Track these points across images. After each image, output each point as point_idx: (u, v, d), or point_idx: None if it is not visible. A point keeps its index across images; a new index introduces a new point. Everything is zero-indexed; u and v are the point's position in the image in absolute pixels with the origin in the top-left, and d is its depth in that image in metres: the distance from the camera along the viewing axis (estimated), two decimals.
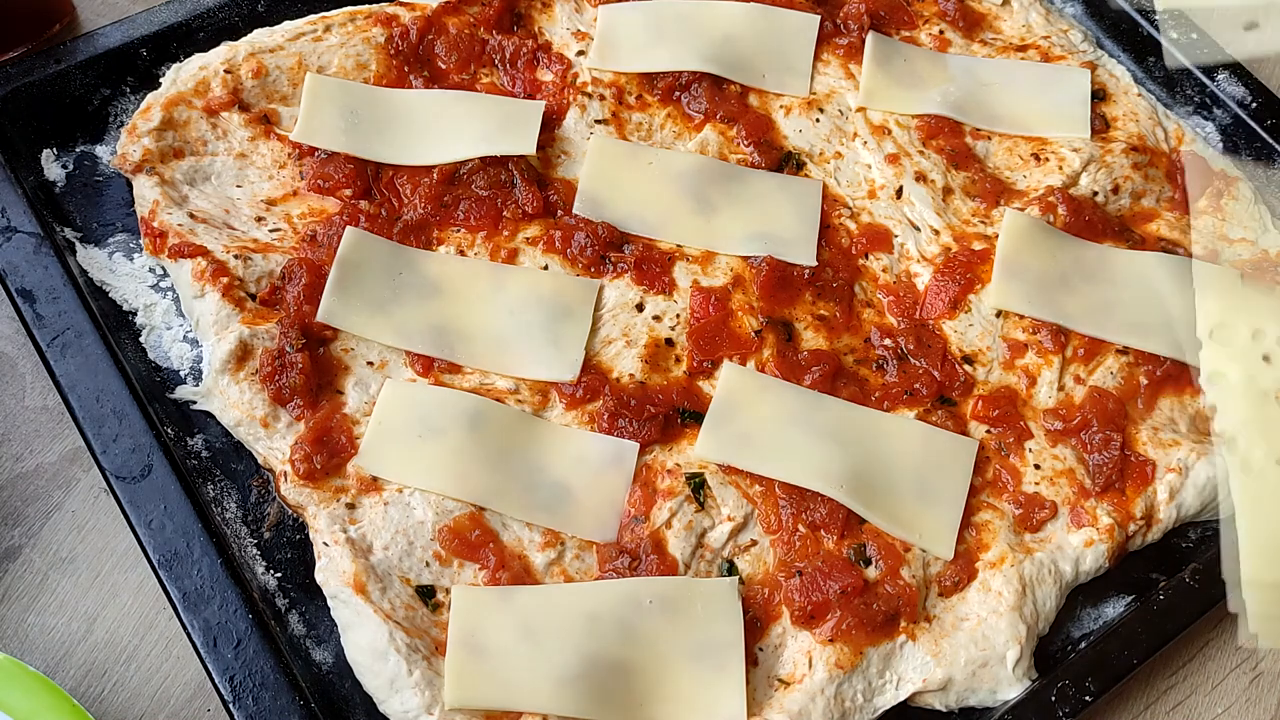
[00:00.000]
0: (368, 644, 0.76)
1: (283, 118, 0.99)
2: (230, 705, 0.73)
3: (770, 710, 0.76)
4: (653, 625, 0.78)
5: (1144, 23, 1.12)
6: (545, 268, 0.93)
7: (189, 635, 0.75)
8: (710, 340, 0.90)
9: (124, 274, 0.92)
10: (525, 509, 0.82)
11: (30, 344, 0.86)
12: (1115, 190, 1.01)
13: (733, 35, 1.06)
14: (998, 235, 0.97)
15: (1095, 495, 0.86)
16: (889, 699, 0.78)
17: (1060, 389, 0.91)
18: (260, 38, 1.01)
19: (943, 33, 1.11)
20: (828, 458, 0.84)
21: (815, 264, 0.95)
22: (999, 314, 0.94)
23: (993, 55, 1.10)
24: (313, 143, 0.96)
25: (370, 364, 0.88)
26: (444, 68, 1.03)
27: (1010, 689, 0.79)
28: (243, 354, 0.85)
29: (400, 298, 0.90)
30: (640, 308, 0.92)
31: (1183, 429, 0.90)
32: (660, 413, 0.86)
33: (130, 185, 0.95)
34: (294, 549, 0.82)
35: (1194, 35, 1.10)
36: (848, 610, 0.79)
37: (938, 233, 0.98)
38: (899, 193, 1.00)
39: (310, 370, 0.85)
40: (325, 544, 0.79)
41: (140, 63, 1.00)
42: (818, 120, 1.04)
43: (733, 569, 0.82)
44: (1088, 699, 0.77)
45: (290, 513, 0.83)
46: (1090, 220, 0.98)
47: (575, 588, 0.79)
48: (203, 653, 0.75)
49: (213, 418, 0.86)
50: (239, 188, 0.96)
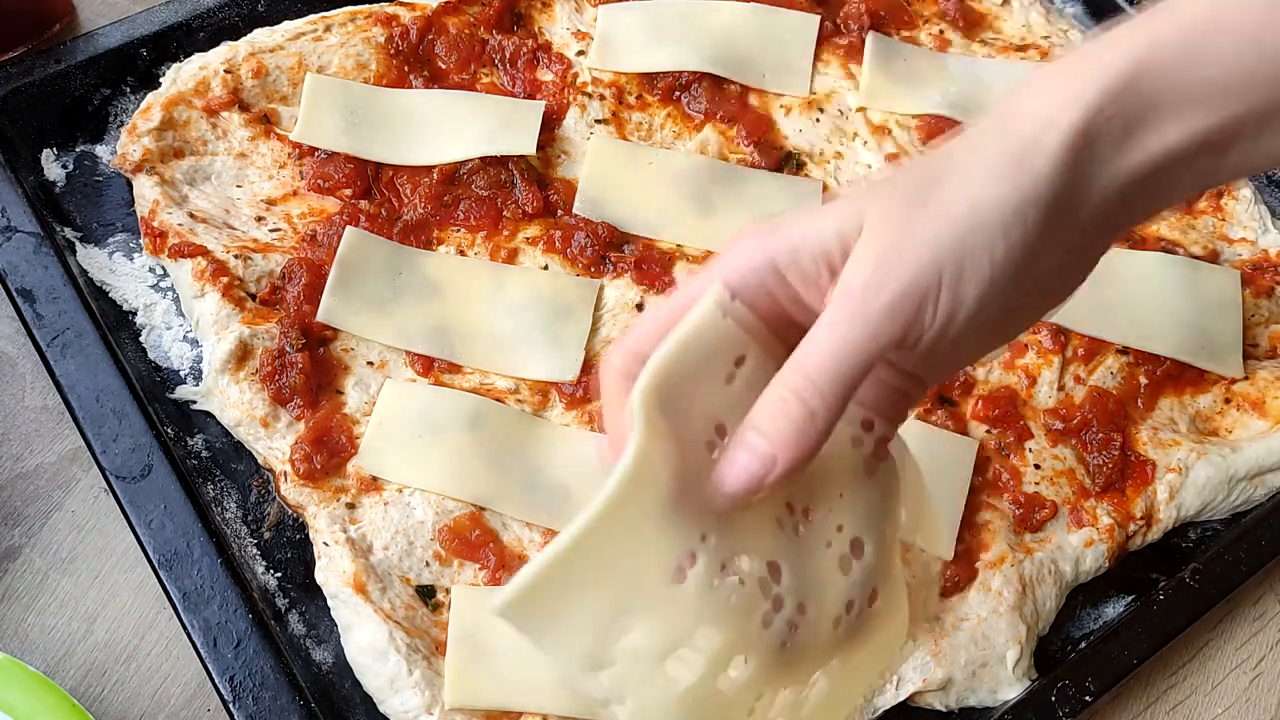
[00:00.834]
0: (368, 644, 0.76)
1: (283, 118, 0.99)
2: (230, 705, 0.73)
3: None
4: None
5: None
6: (545, 268, 0.93)
7: (189, 635, 0.75)
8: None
9: (124, 274, 0.92)
10: (525, 509, 0.82)
11: (30, 344, 0.86)
12: None
13: (733, 35, 1.06)
14: None
15: (1095, 495, 0.86)
16: (889, 699, 0.78)
17: (1060, 389, 0.91)
18: (260, 38, 1.01)
19: (943, 33, 1.11)
20: None
21: None
22: None
23: (993, 55, 1.10)
24: (313, 143, 0.96)
25: (370, 364, 0.88)
26: (444, 68, 1.04)
27: (1010, 689, 0.79)
28: (243, 354, 0.86)
29: (400, 298, 0.90)
30: (640, 308, 0.92)
31: (1183, 429, 0.90)
32: None
33: (130, 185, 0.95)
34: (294, 549, 0.82)
35: None
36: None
37: None
38: None
39: (310, 370, 0.85)
40: (325, 544, 0.79)
41: (140, 63, 1.00)
42: (818, 120, 1.04)
43: None
44: (1088, 699, 0.77)
45: (290, 513, 0.83)
46: None
47: None
48: (203, 653, 0.75)
49: (213, 418, 0.86)
50: (239, 188, 0.96)
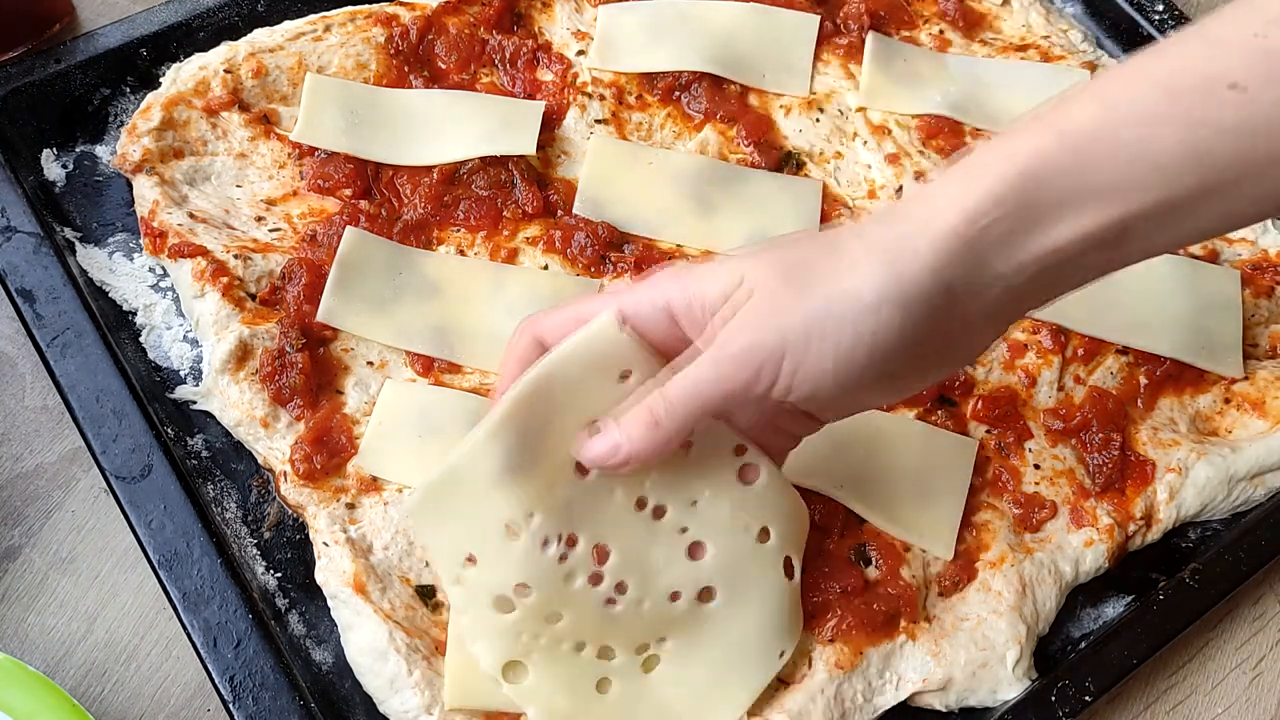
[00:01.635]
0: (368, 644, 0.76)
1: (283, 118, 0.99)
2: (230, 705, 0.73)
3: (770, 710, 0.76)
4: None
5: (1144, 22, 1.12)
6: (545, 268, 0.93)
7: (189, 635, 0.75)
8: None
9: (124, 274, 0.92)
10: None
11: (30, 344, 0.86)
12: None
13: (733, 35, 1.06)
14: None
15: (1095, 495, 0.86)
16: (889, 699, 0.78)
17: (1060, 389, 0.91)
18: (260, 38, 1.01)
19: (943, 33, 1.11)
20: (827, 457, 0.84)
21: None
22: None
23: (993, 55, 1.10)
24: (313, 143, 0.96)
25: (370, 364, 0.88)
26: (444, 68, 1.03)
27: (1010, 689, 0.79)
28: (243, 354, 0.86)
29: (400, 298, 0.90)
30: None
31: (1183, 429, 0.90)
32: None
33: (130, 185, 0.95)
34: (294, 549, 0.82)
35: None
36: (848, 610, 0.79)
37: None
38: (899, 192, 1.00)
39: (310, 370, 0.85)
40: (325, 544, 0.79)
41: (140, 63, 1.00)
42: (818, 120, 1.04)
43: None
44: (1088, 699, 0.77)
45: (290, 513, 0.83)
46: None
47: None
48: (203, 653, 0.75)
49: (213, 418, 0.86)
50: (239, 188, 0.96)
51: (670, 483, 0.71)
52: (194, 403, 0.87)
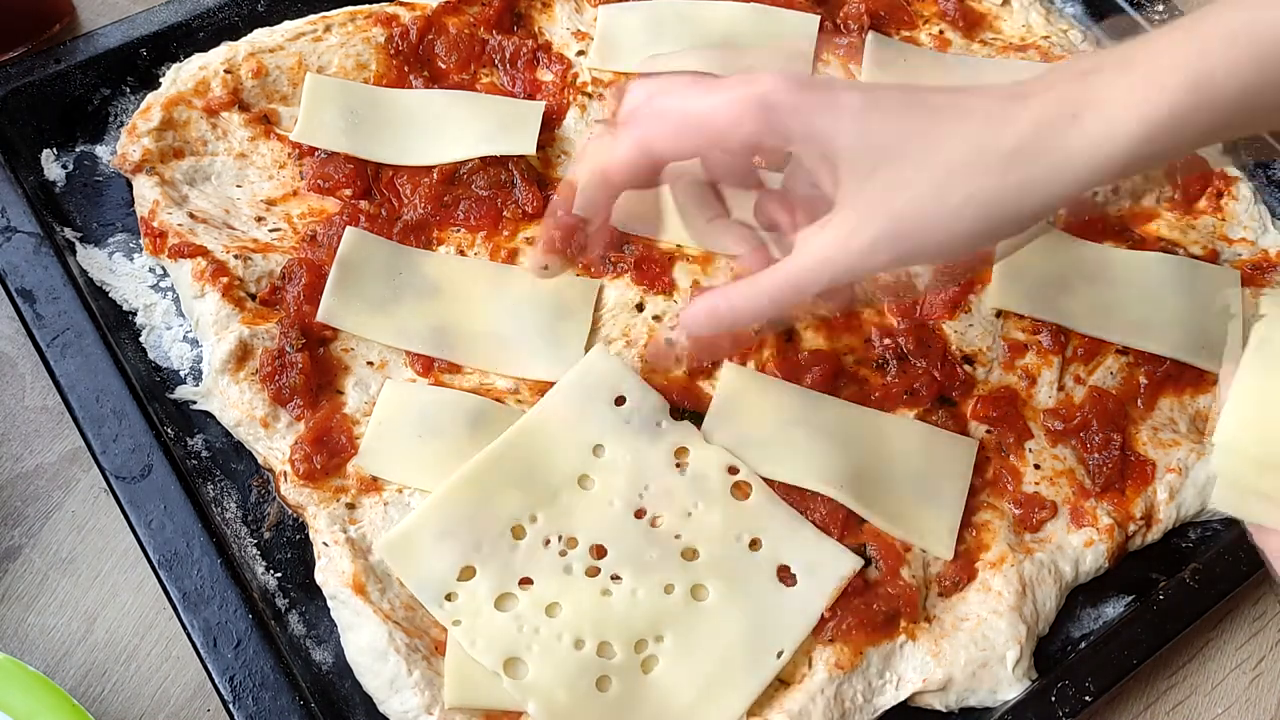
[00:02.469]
0: (368, 644, 0.76)
1: (283, 118, 0.99)
2: (230, 705, 0.73)
3: (770, 710, 0.76)
4: None
5: (1144, 23, 1.12)
6: (545, 267, 0.93)
7: (189, 635, 0.75)
8: (710, 340, 0.90)
9: (124, 274, 0.92)
10: None
11: (30, 344, 0.86)
12: (1115, 191, 1.01)
13: (733, 35, 1.06)
14: None
15: (1095, 495, 0.86)
16: (889, 699, 0.78)
17: (1060, 389, 0.91)
18: (260, 38, 1.01)
19: (943, 33, 1.11)
20: (828, 457, 0.84)
21: None
22: (999, 314, 0.94)
23: (993, 55, 1.10)
24: (313, 143, 0.96)
25: (370, 364, 0.88)
26: (444, 68, 1.03)
27: (1010, 689, 0.79)
28: (243, 354, 0.86)
29: (400, 298, 0.90)
30: (640, 308, 0.92)
31: (1183, 429, 0.90)
32: None
33: (130, 185, 0.95)
34: (294, 549, 0.82)
35: None
36: (848, 610, 0.79)
37: None
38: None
39: (310, 370, 0.85)
40: (325, 544, 0.79)
41: (140, 63, 1.00)
42: None
43: None
44: (1088, 699, 0.77)
45: (290, 513, 0.83)
46: (1090, 220, 0.98)
47: None
48: (203, 653, 0.75)
49: (213, 418, 0.86)
50: (239, 188, 0.96)
51: (667, 496, 0.81)
52: (194, 403, 0.87)
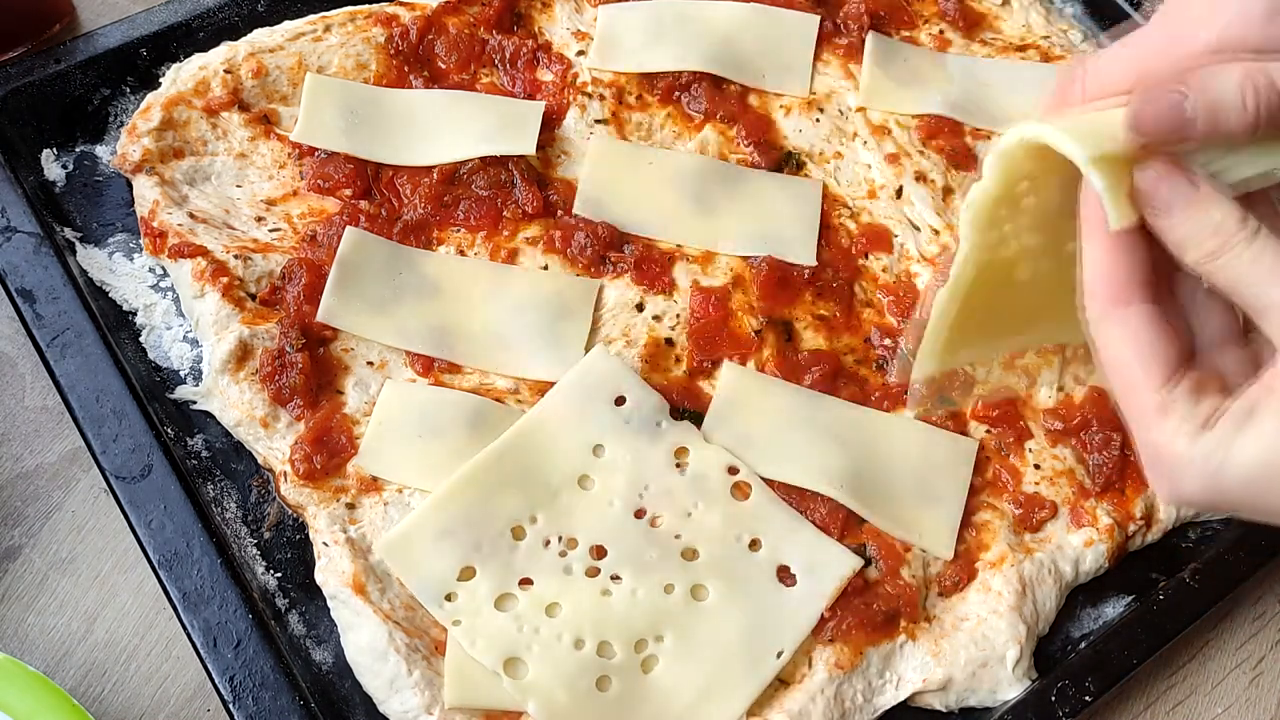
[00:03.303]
0: (368, 644, 0.76)
1: (283, 118, 0.99)
2: (230, 705, 0.73)
3: (770, 710, 0.76)
4: None
5: (1143, 22, 1.12)
6: (545, 268, 0.93)
7: (189, 635, 0.75)
8: (710, 340, 0.90)
9: (124, 274, 0.92)
10: None
11: (30, 344, 0.86)
12: None
13: (733, 35, 1.06)
14: None
15: (1095, 495, 0.86)
16: (889, 699, 0.78)
17: (1060, 389, 0.91)
18: (260, 38, 1.01)
19: (943, 33, 1.11)
20: (827, 457, 0.84)
21: (815, 264, 0.95)
22: None
23: (993, 55, 1.10)
24: (313, 143, 0.96)
25: (370, 364, 0.88)
26: (444, 68, 1.03)
27: (1010, 689, 0.79)
28: (243, 354, 0.85)
29: (400, 298, 0.90)
30: (640, 308, 0.92)
31: None
32: None
33: (130, 185, 0.95)
34: (294, 549, 0.82)
35: None
36: (848, 610, 0.79)
37: (938, 232, 0.98)
38: (899, 192, 1.00)
39: (310, 370, 0.85)
40: (325, 544, 0.79)
41: (140, 63, 1.00)
42: (818, 120, 1.04)
43: None
44: (1087, 699, 0.77)
45: (290, 513, 0.83)
46: None
47: None
48: (203, 653, 0.75)
49: (213, 418, 0.86)
50: (239, 188, 0.95)
51: (667, 496, 0.81)
52: (194, 403, 0.87)
